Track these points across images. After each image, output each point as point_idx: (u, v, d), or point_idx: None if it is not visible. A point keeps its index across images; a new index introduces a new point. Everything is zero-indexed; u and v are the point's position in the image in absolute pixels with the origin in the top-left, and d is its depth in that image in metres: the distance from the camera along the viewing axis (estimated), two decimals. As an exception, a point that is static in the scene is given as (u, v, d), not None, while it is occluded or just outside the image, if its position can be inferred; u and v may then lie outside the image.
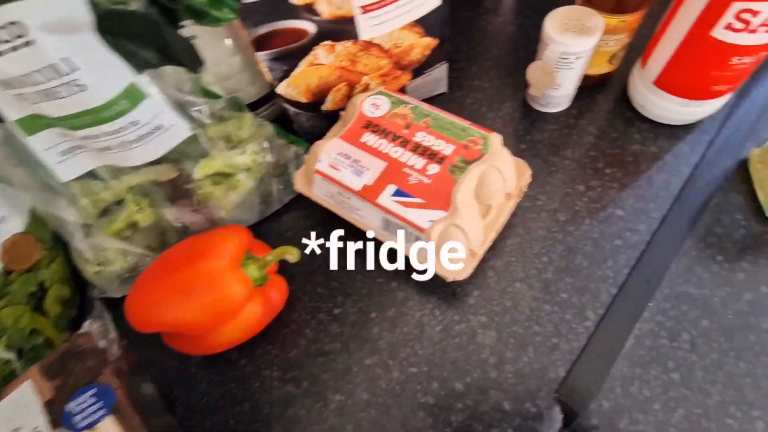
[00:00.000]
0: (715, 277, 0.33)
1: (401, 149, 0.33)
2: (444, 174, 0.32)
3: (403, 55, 0.38)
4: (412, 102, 0.36)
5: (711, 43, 0.31)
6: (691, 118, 0.39)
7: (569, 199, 0.38)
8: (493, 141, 0.32)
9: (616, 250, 0.35)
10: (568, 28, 0.36)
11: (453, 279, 0.32)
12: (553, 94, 0.40)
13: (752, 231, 0.35)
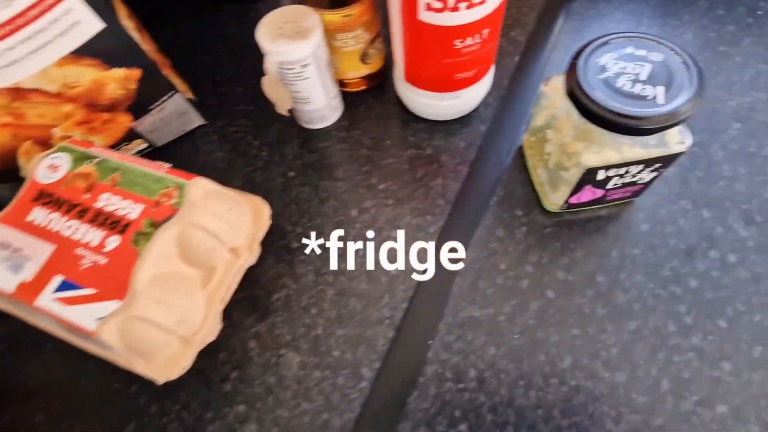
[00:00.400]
0: (500, 290, 0.29)
1: (76, 223, 0.25)
2: (125, 248, 0.24)
3: (93, 96, 0.30)
4: (102, 154, 0.28)
5: (424, 27, 0.26)
6: (457, 112, 0.34)
7: (342, 229, 0.32)
8: (190, 190, 0.25)
9: (393, 282, 0.30)
10: (283, 34, 0.29)
11: (164, 380, 0.24)
12: (307, 109, 0.34)
13: (534, 226, 0.31)
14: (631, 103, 0.22)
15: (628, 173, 0.26)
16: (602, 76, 0.23)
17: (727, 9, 0.37)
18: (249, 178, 0.35)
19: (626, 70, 0.23)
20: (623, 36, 0.24)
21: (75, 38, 0.26)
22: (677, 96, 0.22)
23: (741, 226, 0.29)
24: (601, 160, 0.24)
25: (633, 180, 0.27)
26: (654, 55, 0.23)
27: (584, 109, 0.23)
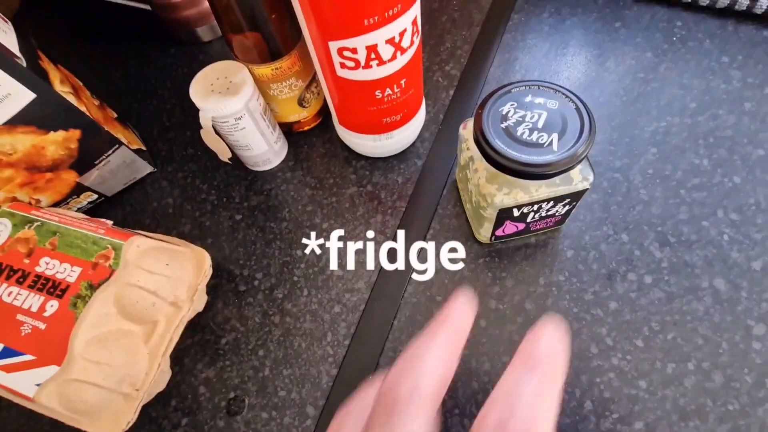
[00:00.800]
0: (436, 322, 0.30)
1: (17, 288, 0.26)
2: (63, 312, 0.25)
3: (33, 160, 0.30)
4: (42, 218, 0.29)
5: (344, 82, 0.28)
6: (393, 149, 0.36)
7: (287, 270, 0.33)
8: (126, 251, 0.26)
9: (336, 319, 0.31)
10: (215, 90, 0.31)
11: (109, 437, 0.25)
12: (249, 155, 0.35)
13: (468, 258, 0.32)
14: (529, 150, 0.24)
15: (541, 209, 0.27)
16: (504, 125, 0.25)
17: (645, 36, 0.40)
18: (198, 222, 0.36)
19: (525, 119, 0.25)
20: (524, 85, 0.26)
21: (6, 110, 0.27)
22: (569, 142, 0.24)
23: (656, 248, 0.31)
24: (511, 200, 0.26)
25: (549, 213, 0.28)
26: (550, 103, 0.25)
27: (488, 157, 0.24)
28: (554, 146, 0.24)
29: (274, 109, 0.36)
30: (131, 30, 0.49)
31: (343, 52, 0.25)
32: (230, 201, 0.37)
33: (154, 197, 0.38)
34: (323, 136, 0.39)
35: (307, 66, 0.34)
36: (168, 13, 0.44)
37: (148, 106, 0.43)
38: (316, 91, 0.37)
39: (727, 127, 0.34)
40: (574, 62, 0.39)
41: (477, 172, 0.28)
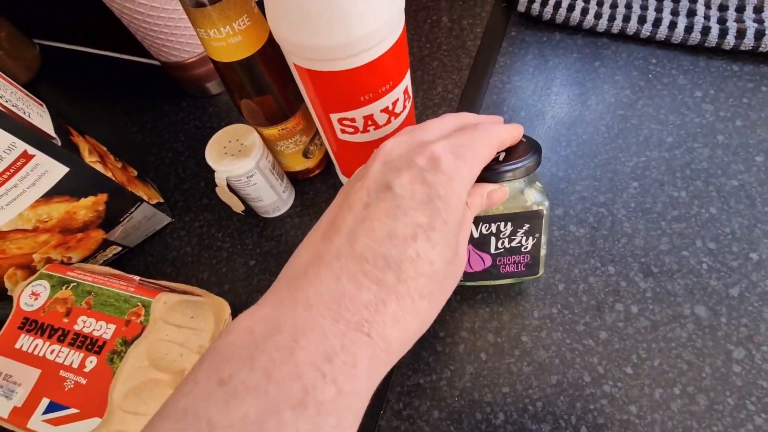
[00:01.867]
0: (440, 357, 0.33)
1: (59, 346, 0.29)
2: (101, 367, 0.28)
3: (65, 224, 0.34)
4: (77, 279, 0.32)
5: (345, 144, 0.31)
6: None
7: (299, 311, 0.36)
8: (154, 308, 0.29)
9: (347, 358, 0.34)
10: (228, 152, 0.34)
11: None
12: (260, 205, 0.38)
13: (466, 294, 0.35)
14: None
15: (501, 232, 0.29)
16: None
17: (623, 74, 0.43)
18: (215, 269, 0.39)
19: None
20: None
21: (44, 185, 0.30)
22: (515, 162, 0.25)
23: (641, 278, 0.33)
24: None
25: (513, 245, 0.30)
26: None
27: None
28: (500, 157, 0.26)
29: (281, 162, 0.39)
30: (144, 85, 0.53)
31: (343, 121, 0.28)
32: (244, 248, 0.40)
33: (173, 246, 0.41)
34: (327, 182, 0.42)
35: (310, 123, 0.37)
36: (179, 72, 0.48)
37: (164, 159, 0.47)
38: (318, 143, 0.40)
39: (702, 160, 0.37)
40: (558, 102, 0.42)
41: None
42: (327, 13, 0.21)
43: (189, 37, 0.44)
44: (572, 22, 0.45)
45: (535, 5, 0.46)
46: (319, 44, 0.22)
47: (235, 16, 0.27)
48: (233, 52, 0.29)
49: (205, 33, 0.27)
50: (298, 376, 0.15)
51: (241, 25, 0.27)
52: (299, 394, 0.15)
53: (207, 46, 0.29)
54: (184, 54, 0.45)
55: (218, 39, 0.28)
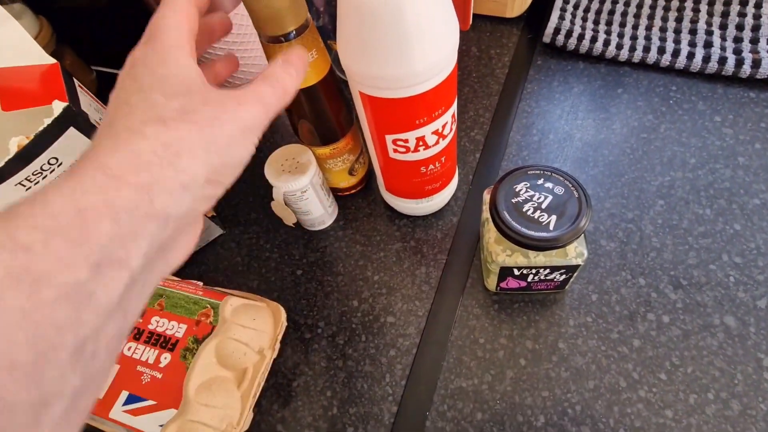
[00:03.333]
0: (480, 362, 0.35)
1: (135, 344, 0.32)
2: (176, 363, 0.30)
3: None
4: (149, 282, 0.35)
5: (395, 162, 0.34)
6: (431, 209, 0.42)
7: (346, 318, 0.38)
8: (223, 309, 0.32)
9: (392, 362, 0.36)
10: (285, 169, 0.37)
11: (213, 470, 0.30)
12: (308, 218, 0.41)
13: (504, 304, 0.37)
14: (530, 225, 0.29)
15: (539, 273, 0.32)
16: (514, 200, 0.30)
17: (645, 100, 0.46)
18: (265, 278, 0.42)
19: (533, 198, 0.30)
20: (539, 169, 0.31)
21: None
22: (563, 226, 0.28)
23: (670, 290, 0.35)
24: (512, 261, 0.31)
25: (548, 278, 0.33)
26: (557, 189, 0.30)
27: (497, 224, 0.30)
28: (551, 226, 0.29)
29: (328, 179, 0.42)
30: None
31: (397, 141, 0.31)
32: (291, 258, 0.43)
33: (224, 256, 0.44)
34: (368, 198, 0.45)
35: (357, 144, 0.41)
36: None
37: (213, 176, 0.50)
38: (362, 162, 0.43)
39: (725, 180, 0.39)
40: (584, 125, 0.45)
41: (489, 232, 0.33)
42: (396, 48, 0.25)
43: (243, 66, 0.48)
44: (595, 52, 0.49)
45: (560, 37, 0.50)
46: (386, 74, 0.26)
47: (306, 51, 0.31)
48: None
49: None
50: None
51: (310, 59, 0.31)
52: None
53: None
54: (236, 81, 0.49)
55: None
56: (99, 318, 0.14)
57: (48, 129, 0.27)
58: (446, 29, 0.26)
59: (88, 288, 0.14)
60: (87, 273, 0.14)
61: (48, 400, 0.13)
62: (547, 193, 0.30)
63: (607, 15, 0.52)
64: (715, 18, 0.47)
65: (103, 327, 0.15)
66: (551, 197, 0.30)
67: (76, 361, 0.14)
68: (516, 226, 0.29)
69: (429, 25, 0.24)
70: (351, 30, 0.25)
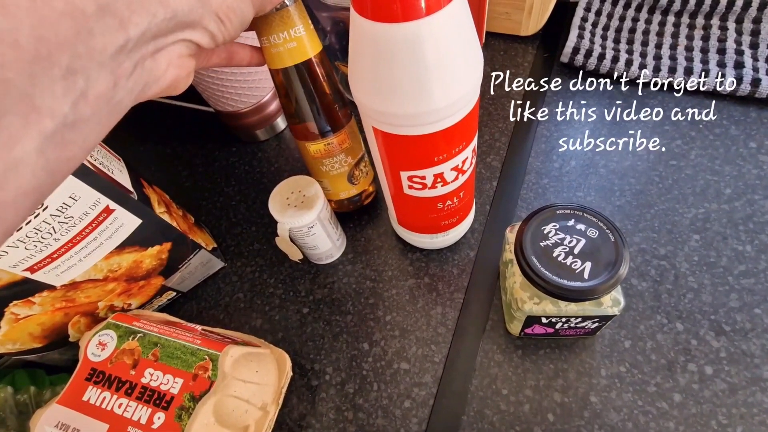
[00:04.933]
0: (505, 417, 0.32)
1: (126, 400, 0.29)
2: (170, 424, 0.27)
3: (132, 272, 0.34)
4: (143, 329, 0.32)
5: (411, 199, 0.31)
6: (446, 244, 0.39)
7: (356, 363, 0.36)
8: (222, 362, 0.29)
9: (407, 415, 0.33)
10: (291, 203, 0.35)
11: None
12: (315, 253, 0.39)
13: (528, 350, 0.34)
14: (561, 273, 0.26)
15: (569, 321, 0.29)
16: (543, 243, 0.27)
17: (672, 124, 0.43)
18: (268, 316, 0.39)
19: (564, 242, 0.27)
20: (569, 208, 0.28)
21: (119, 237, 0.31)
22: (600, 274, 0.25)
23: (712, 337, 0.32)
24: (540, 310, 0.28)
25: (579, 326, 0.30)
26: (590, 231, 0.27)
27: (524, 271, 0.27)
28: (585, 274, 0.26)
29: (327, 187, 0.39)
30: (195, 131, 0.55)
31: (413, 178, 0.29)
32: (297, 295, 0.40)
33: (225, 292, 0.42)
34: (378, 229, 0.43)
35: (356, 145, 0.37)
36: (233, 120, 0.49)
37: (215, 203, 0.48)
38: (364, 170, 0.40)
39: (765, 212, 0.36)
40: (608, 151, 0.42)
41: (513, 276, 0.30)
42: (415, 86, 0.22)
43: (247, 89, 0.46)
44: (616, 72, 0.46)
45: (579, 57, 0.47)
46: (404, 113, 0.23)
47: (292, 24, 0.28)
48: (289, 57, 0.29)
49: (267, 41, 0.28)
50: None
51: (297, 33, 0.28)
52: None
53: (267, 54, 0.29)
54: (240, 104, 0.47)
55: (277, 45, 0.28)
56: (92, 62, 0.15)
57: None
58: (471, 63, 0.23)
59: (89, 24, 0.15)
60: (93, 8, 0.14)
61: (39, 106, 0.14)
62: (579, 236, 0.27)
63: (628, 33, 0.49)
64: (745, 36, 0.45)
65: (96, 77, 0.15)
66: (584, 241, 0.27)
67: (67, 87, 0.15)
68: (547, 275, 0.26)
69: (452, 60, 0.22)
70: (365, 64, 0.23)
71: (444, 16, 0.20)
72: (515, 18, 0.51)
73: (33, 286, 0.29)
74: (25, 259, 0.27)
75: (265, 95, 0.48)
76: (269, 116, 0.51)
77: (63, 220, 0.27)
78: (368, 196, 0.42)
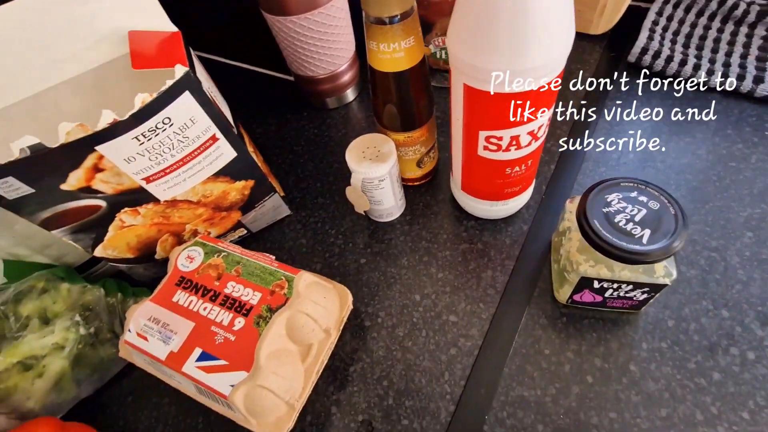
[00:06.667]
0: (545, 373, 0.34)
1: (210, 305, 0.33)
2: (249, 328, 0.31)
3: (219, 201, 0.38)
4: (227, 249, 0.36)
5: (482, 160, 0.34)
6: (505, 213, 0.41)
7: (407, 311, 0.38)
8: (297, 283, 0.32)
9: (452, 361, 0.35)
10: (366, 156, 0.38)
11: (272, 439, 0.30)
12: (378, 208, 0.42)
13: (572, 318, 0.36)
14: (622, 237, 0.28)
15: (620, 288, 0.31)
16: (605, 210, 0.29)
17: (736, 129, 0.44)
18: (327, 262, 0.43)
19: (626, 210, 0.29)
20: (632, 182, 0.30)
21: (217, 165, 0.35)
22: (658, 241, 0.27)
23: (758, 326, 0.33)
24: (594, 272, 0.30)
25: (627, 296, 0.32)
26: (652, 203, 0.29)
27: (585, 233, 0.29)
28: (644, 239, 0.28)
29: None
30: (271, 96, 0.60)
31: (490, 138, 0.31)
32: (355, 246, 0.43)
33: (289, 237, 0.45)
34: (436, 196, 0.45)
35: (431, 137, 0.41)
36: (308, 85, 0.53)
37: (285, 159, 0.52)
38: (432, 156, 0.43)
39: (823, 219, 0.37)
40: (667, 148, 0.44)
41: (570, 241, 0.32)
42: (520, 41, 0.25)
43: (329, 57, 0.49)
44: (683, 75, 0.47)
45: (647, 57, 0.49)
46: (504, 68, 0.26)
47: (405, 36, 0.31)
48: (394, 65, 0.33)
49: (376, 46, 0.32)
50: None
51: (407, 45, 0.32)
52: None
53: (372, 56, 0.33)
54: (319, 70, 0.51)
55: (385, 52, 0.32)
56: None
57: (169, 90, 0.29)
58: (566, 28, 0.26)
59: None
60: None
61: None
62: (641, 206, 0.29)
63: (698, 40, 0.50)
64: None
65: None
66: (645, 211, 0.29)
67: None
68: (607, 236, 0.28)
69: (553, 22, 0.24)
70: (470, 21, 0.26)
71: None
72: (587, 16, 0.53)
73: (143, 196, 0.34)
74: (146, 168, 0.31)
75: (342, 65, 0.52)
76: (341, 86, 0.54)
77: (181, 139, 0.31)
78: (429, 174, 0.45)
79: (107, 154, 0.29)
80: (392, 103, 0.36)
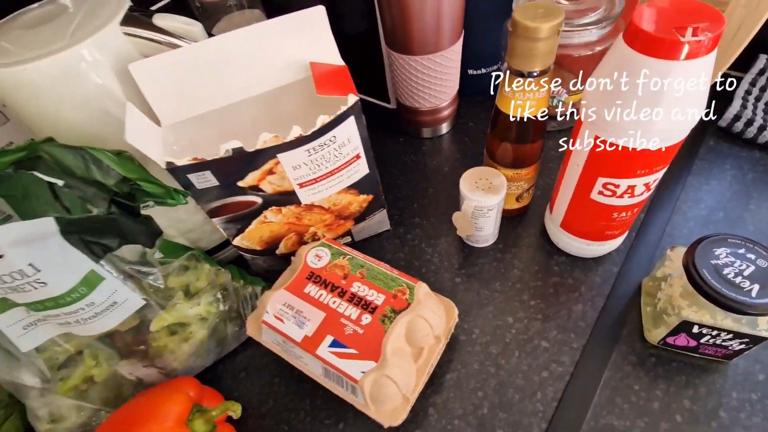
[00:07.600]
0: (634, 407, 0.36)
1: (339, 299, 0.37)
2: (375, 324, 0.35)
3: (343, 210, 0.43)
4: (350, 253, 0.40)
5: (592, 203, 0.38)
6: (598, 253, 0.44)
7: (500, 331, 0.42)
8: (418, 291, 0.37)
9: (544, 383, 0.38)
10: (479, 186, 0.42)
11: (389, 425, 0.34)
12: (479, 234, 0.46)
13: (661, 359, 0.38)
14: (730, 288, 0.31)
15: (719, 336, 0.33)
16: (714, 262, 0.32)
17: (828, 201, 0.46)
18: (424, 278, 0.47)
19: (734, 264, 0.32)
20: (740, 239, 0.33)
21: (352, 179, 0.41)
22: (766, 296, 0.30)
23: None
24: (696, 317, 0.33)
25: (724, 344, 0.34)
26: (760, 261, 0.32)
27: (693, 280, 0.32)
28: (753, 293, 0.30)
29: None
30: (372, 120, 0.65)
31: (607, 185, 0.35)
32: (451, 266, 0.47)
33: (388, 249, 0.50)
34: (528, 229, 0.49)
35: (534, 176, 0.45)
36: (410, 115, 0.59)
37: (383, 179, 0.57)
38: (531, 193, 0.47)
39: None
40: (758, 212, 0.46)
41: (672, 287, 0.35)
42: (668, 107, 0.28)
43: (438, 92, 0.55)
44: (774, 145, 0.50)
45: (738, 124, 0.52)
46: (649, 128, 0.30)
47: (538, 88, 0.36)
48: (521, 111, 0.37)
49: (511, 93, 0.37)
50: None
51: (538, 95, 0.36)
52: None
53: (502, 99, 0.38)
54: (426, 103, 0.56)
55: (518, 98, 0.37)
56: None
57: (342, 114, 0.34)
58: (700, 102, 0.29)
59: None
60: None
61: None
62: (750, 263, 0.32)
63: (790, 113, 0.53)
64: None
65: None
66: (754, 267, 0.32)
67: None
68: (716, 285, 0.31)
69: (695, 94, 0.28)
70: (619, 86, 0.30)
71: (703, 63, 0.27)
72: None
73: (290, 198, 0.39)
74: (305, 175, 0.37)
75: (446, 101, 0.57)
76: (440, 119, 0.59)
77: (337, 154, 0.37)
78: (523, 208, 0.49)
79: (283, 161, 0.35)
80: (510, 141, 0.41)
